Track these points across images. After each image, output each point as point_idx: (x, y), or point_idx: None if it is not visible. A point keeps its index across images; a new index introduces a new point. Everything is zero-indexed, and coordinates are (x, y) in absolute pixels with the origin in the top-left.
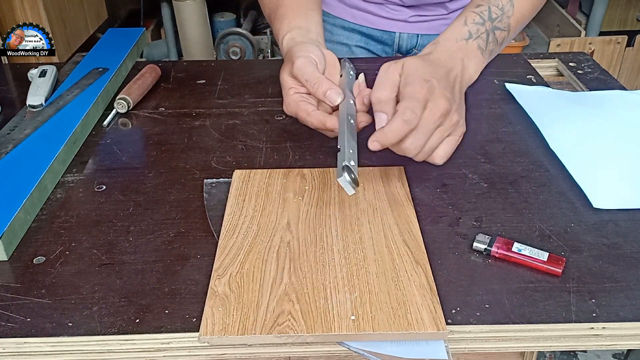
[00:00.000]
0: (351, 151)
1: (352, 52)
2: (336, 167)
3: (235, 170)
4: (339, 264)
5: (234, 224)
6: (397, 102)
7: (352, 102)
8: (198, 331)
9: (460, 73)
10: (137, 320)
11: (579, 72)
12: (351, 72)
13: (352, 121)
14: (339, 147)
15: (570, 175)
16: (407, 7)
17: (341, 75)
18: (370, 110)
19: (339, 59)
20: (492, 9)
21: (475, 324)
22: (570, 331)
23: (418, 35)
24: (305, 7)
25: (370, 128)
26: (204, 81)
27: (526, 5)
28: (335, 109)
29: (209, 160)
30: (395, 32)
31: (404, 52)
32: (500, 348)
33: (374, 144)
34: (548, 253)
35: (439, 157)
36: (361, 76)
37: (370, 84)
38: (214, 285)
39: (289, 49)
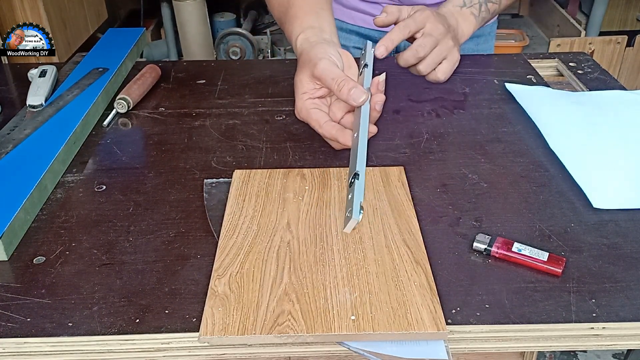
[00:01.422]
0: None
1: (351, 53)
2: (335, 167)
3: (235, 170)
4: (339, 264)
5: (234, 224)
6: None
7: (367, 106)
8: (198, 331)
9: (455, 25)
10: (137, 320)
11: (579, 72)
12: (365, 63)
13: (355, 135)
14: (350, 179)
15: (570, 175)
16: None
17: (360, 73)
18: (376, 122)
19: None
20: None
21: (475, 324)
22: (570, 331)
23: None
24: (317, 7)
25: (377, 135)
26: (204, 81)
27: None
28: (351, 110)
29: (209, 160)
30: None
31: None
32: (500, 348)
33: (379, 48)
34: (548, 253)
35: (442, 72)
36: (382, 76)
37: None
38: (214, 285)
39: (303, 49)
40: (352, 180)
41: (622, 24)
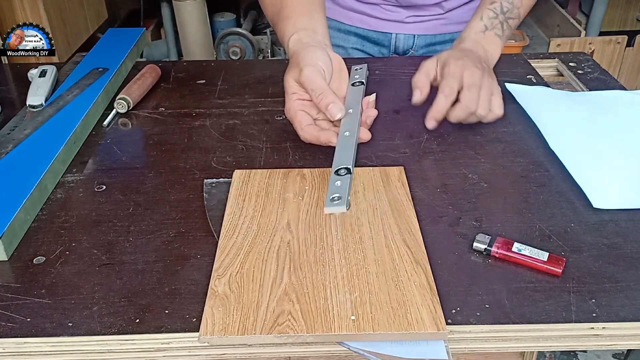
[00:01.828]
0: (343, 172)
1: (348, 54)
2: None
3: (235, 170)
4: (339, 264)
5: (234, 224)
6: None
7: (358, 112)
8: (198, 331)
9: (484, 54)
10: (137, 320)
11: (579, 72)
12: (360, 80)
13: (347, 134)
14: (338, 169)
15: (570, 175)
16: (403, 7)
17: (352, 84)
18: (371, 129)
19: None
20: (503, 3)
21: (475, 324)
22: (570, 331)
23: (415, 35)
24: (310, 9)
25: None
26: (204, 81)
27: None
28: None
29: (209, 160)
30: (391, 33)
31: (401, 53)
32: (500, 348)
33: (430, 122)
34: (548, 253)
35: (498, 107)
36: (373, 96)
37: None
38: (214, 285)
39: (295, 51)
40: (343, 172)
41: (622, 24)
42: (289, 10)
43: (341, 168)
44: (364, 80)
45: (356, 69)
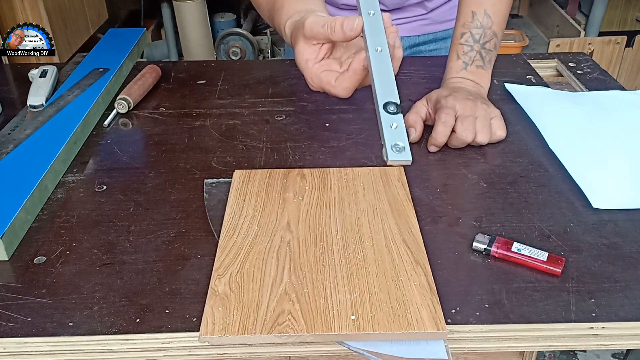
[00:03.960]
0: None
1: None
2: (335, 167)
3: (236, 170)
4: (339, 264)
5: (234, 223)
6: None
7: (379, 15)
8: (198, 331)
9: (473, 88)
10: (138, 320)
11: (579, 72)
12: (372, 12)
13: (379, 49)
14: (384, 106)
15: (570, 175)
16: (387, 11)
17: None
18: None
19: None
20: (473, 32)
21: (475, 323)
22: (570, 331)
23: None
24: None
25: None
26: (204, 81)
27: (500, 6)
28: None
29: (209, 160)
30: None
31: None
32: (500, 348)
33: (431, 147)
34: (547, 253)
35: (498, 128)
36: (386, 15)
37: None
38: (214, 285)
39: (292, 30)
40: (393, 109)
41: (621, 24)
42: (281, 1)
43: (389, 103)
44: (375, 11)
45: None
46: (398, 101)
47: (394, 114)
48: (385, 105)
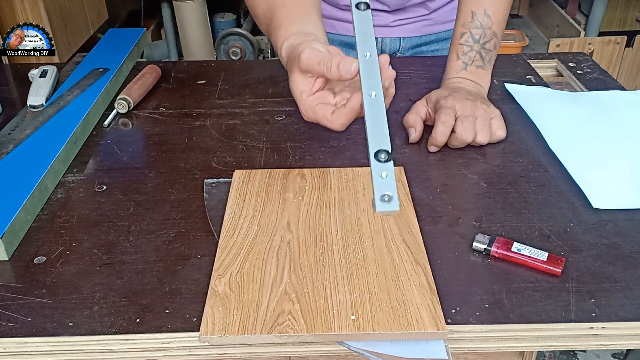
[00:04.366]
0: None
1: None
2: (335, 167)
3: (236, 170)
4: (339, 264)
5: (234, 223)
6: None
7: (376, 58)
8: (198, 331)
9: (473, 88)
10: (138, 320)
11: (579, 72)
12: (365, 1)
13: (373, 94)
14: (375, 154)
15: (570, 175)
16: (390, 12)
17: (356, 5)
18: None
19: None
20: (473, 32)
21: (474, 323)
22: (570, 331)
23: (400, 38)
24: (301, 12)
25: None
26: (204, 81)
27: (500, 6)
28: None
29: (209, 160)
30: (377, 38)
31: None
32: (500, 348)
33: (431, 147)
34: (547, 253)
35: (498, 128)
36: (384, 57)
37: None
38: (214, 285)
39: (289, 54)
40: (384, 157)
41: (621, 24)
42: (279, 19)
43: (381, 151)
44: (367, 1)
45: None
46: (390, 149)
47: (385, 161)
48: (376, 154)
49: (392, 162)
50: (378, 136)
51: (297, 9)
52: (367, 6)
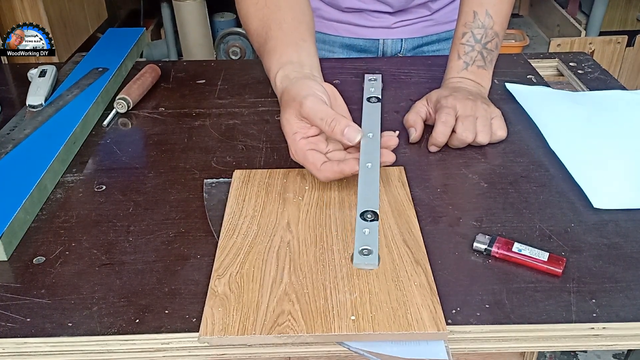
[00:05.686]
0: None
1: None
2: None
3: (235, 170)
4: (339, 264)
5: (234, 224)
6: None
7: (378, 137)
8: (198, 331)
9: (474, 87)
10: (137, 321)
11: (579, 72)
12: (376, 95)
13: (369, 165)
14: (363, 213)
15: (571, 175)
16: (391, 14)
17: (368, 99)
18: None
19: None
20: (474, 32)
21: (475, 324)
22: (571, 331)
23: (402, 39)
24: (296, 38)
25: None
26: (204, 81)
27: (501, 6)
28: (351, 146)
29: (209, 160)
30: (379, 40)
31: (388, 57)
32: (501, 348)
33: (432, 147)
34: (548, 253)
35: (499, 128)
36: (391, 134)
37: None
38: (214, 285)
39: (284, 88)
40: (370, 217)
41: (622, 24)
42: (273, 43)
43: (368, 212)
44: (379, 96)
45: (370, 80)
46: (377, 210)
47: (370, 221)
48: (363, 213)
49: (377, 222)
50: (368, 199)
51: (293, 34)
52: (378, 99)
